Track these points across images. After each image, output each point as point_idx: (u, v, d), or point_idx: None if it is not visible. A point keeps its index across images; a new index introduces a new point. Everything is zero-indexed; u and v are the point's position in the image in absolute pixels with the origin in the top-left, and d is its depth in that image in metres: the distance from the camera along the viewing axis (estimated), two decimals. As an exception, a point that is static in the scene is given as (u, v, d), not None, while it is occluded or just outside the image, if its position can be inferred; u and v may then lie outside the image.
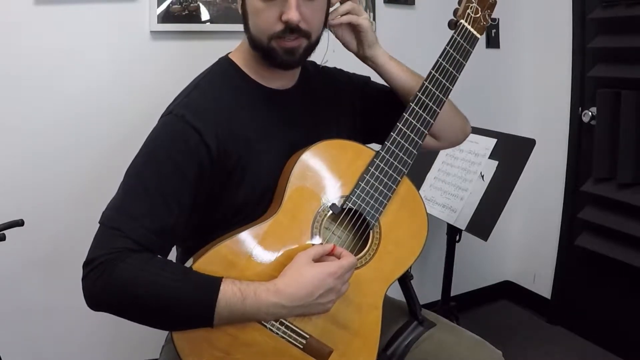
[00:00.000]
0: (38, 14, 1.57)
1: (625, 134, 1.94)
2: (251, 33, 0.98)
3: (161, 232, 0.90)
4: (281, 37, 0.95)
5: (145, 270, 0.84)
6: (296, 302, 0.87)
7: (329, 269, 0.89)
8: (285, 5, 0.93)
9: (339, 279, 0.89)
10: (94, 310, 0.87)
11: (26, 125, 1.62)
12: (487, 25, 1.09)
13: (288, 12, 0.93)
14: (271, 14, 0.94)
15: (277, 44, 0.96)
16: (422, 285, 2.17)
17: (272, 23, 0.95)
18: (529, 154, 1.69)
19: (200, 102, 0.98)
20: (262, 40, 0.97)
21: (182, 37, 1.76)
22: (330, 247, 0.93)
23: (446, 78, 1.04)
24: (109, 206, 0.92)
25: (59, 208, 1.67)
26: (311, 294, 0.87)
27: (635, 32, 1.90)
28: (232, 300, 0.84)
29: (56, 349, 1.76)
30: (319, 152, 0.99)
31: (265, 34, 0.96)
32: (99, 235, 0.89)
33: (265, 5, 0.94)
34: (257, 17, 0.96)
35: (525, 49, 2.43)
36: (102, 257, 0.84)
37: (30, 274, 1.69)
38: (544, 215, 2.44)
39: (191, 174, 0.92)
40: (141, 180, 0.92)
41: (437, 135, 1.16)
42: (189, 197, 0.93)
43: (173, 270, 0.87)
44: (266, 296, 0.86)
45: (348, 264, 0.91)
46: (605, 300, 2.16)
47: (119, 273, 0.83)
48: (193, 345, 0.88)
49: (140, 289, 0.84)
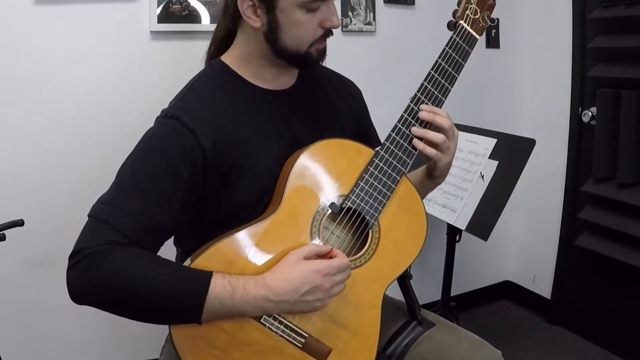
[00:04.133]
0: (38, 14, 1.57)
1: (625, 134, 1.94)
2: (284, 45, 0.98)
3: (151, 229, 0.89)
4: (319, 41, 1.00)
5: (134, 264, 0.84)
6: (282, 297, 0.87)
7: (315, 266, 0.88)
8: (326, 13, 0.98)
9: (325, 277, 0.89)
10: (77, 303, 0.86)
11: (26, 125, 1.62)
12: (487, 26, 1.10)
13: (333, 19, 0.98)
14: (313, 23, 0.97)
15: (314, 48, 1.00)
16: (422, 285, 2.17)
17: (314, 31, 0.98)
18: (529, 154, 1.69)
19: (195, 103, 0.98)
20: (299, 49, 0.99)
21: (182, 37, 1.76)
22: (326, 249, 0.93)
23: (445, 78, 1.04)
24: (100, 200, 0.91)
25: (59, 208, 1.68)
26: (296, 289, 0.87)
27: (635, 32, 1.90)
28: (222, 294, 0.84)
29: (56, 349, 1.76)
30: (318, 152, 0.99)
31: (307, 43, 0.99)
32: (87, 227, 0.88)
33: (309, 17, 0.96)
34: (301, 29, 0.97)
35: (525, 49, 2.43)
36: (90, 248, 0.84)
37: (30, 274, 1.69)
38: (544, 215, 2.44)
39: (185, 174, 0.92)
40: (134, 177, 0.92)
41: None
42: (182, 197, 0.93)
43: (163, 264, 0.87)
44: (254, 289, 0.86)
45: (339, 263, 0.90)
46: (606, 300, 2.16)
47: (107, 265, 0.83)
48: (191, 344, 0.88)
49: (128, 282, 0.83)
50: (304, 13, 0.95)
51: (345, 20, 2.00)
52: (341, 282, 0.92)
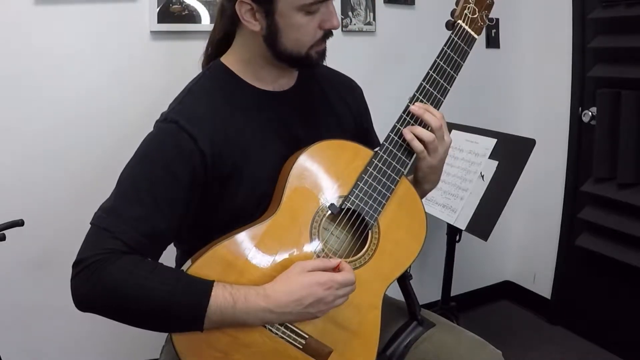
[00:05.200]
0: (38, 14, 1.57)
1: (625, 134, 1.94)
2: (284, 48, 0.98)
3: (152, 236, 0.89)
4: (319, 43, 0.99)
5: (134, 273, 0.84)
6: (284, 309, 0.87)
7: (319, 279, 0.88)
8: (326, 14, 0.97)
9: (328, 290, 0.88)
10: (81, 311, 0.87)
11: (26, 125, 1.62)
12: (485, 26, 1.10)
13: (332, 20, 0.97)
14: (313, 25, 0.96)
15: (313, 50, 0.99)
16: (422, 285, 2.16)
17: (314, 33, 0.98)
18: (529, 154, 1.69)
19: (194, 107, 0.98)
20: (299, 52, 0.98)
21: (182, 37, 1.76)
22: (334, 264, 0.92)
23: (444, 78, 1.04)
24: (101, 207, 0.91)
25: (59, 208, 1.68)
26: (298, 301, 0.87)
27: (635, 32, 1.89)
28: (224, 305, 0.84)
29: (56, 349, 1.76)
30: (317, 153, 0.99)
31: (307, 45, 0.98)
32: (89, 235, 0.89)
33: (309, 19, 0.95)
34: (299, 31, 0.96)
35: (525, 49, 2.43)
36: (92, 257, 0.84)
37: (30, 274, 1.69)
38: (544, 215, 2.44)
39: (185, 179, 0.92)
40: (134, 183, 0.92)
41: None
42: (182, 202, 0.93)
43: (164, 274, 0.87)
44: (255, 300, 0.86)
45: (343, 279, 0.90)
46: (605, 300, 2.16)
47: (108, 274, 0.83)
48: (192, 346, 0.88)
49: (129, 291, 0.83)
50: (303, 16, 0.94)
51: (345, 20, 2.00)
52: (345, 295, 0.91)
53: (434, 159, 1.03)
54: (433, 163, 1.04)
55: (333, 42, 1.05)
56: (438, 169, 1.07)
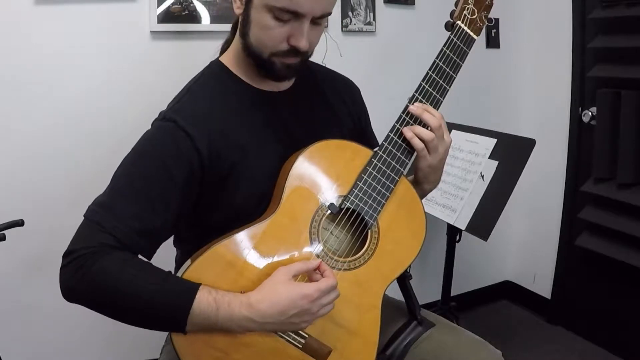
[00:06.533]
0: (38, 14, 1.58)
1: (625, 134, 1.94)
2: (250, 42, 0.97)
3: (145, 233, 0.89)
4: (284, 55, 0.96)
5: (123, 269, 0.84)
6: (267, 319, 0.86)
7: (304, 291, 0.86)
8: (296, 30, 0.93)
9: (314, 302, 0.87)
10: (67, 300, 0.86)
11: (26, 125, 1.62)
12: (485, 26, 1.10)
13: (300, 39, 0.93)
14: (279, 33, 0.94)
15: (277, 59, 0.97)
16: (422, 285, 2.17)
17: (279, 42, 0.94)
18: (529, 154, 1.69)
19: (192, 107, 0.97)
20: (262, 53, 0.97)
21: (182, 37, 1.76)
22: (314, 265, 0.91)
23: (443, 78, 1.04)
24: (95, 201, 0.91)
25: (59, 208, 1.68)
26: (282, 313, 0.86)
27: (635, 32, 1.90)
28: (207, 310, 0.84)
29: (56, 349, 1.76)
30: (316, 153, 0.99)
31: (268, 50, 0.96)
32: (82, 228, 0.89)
33: (276, 25, 0.93)
34: (264, 32, 0.94)
35: (525, 49, 2.43)
36: (83, 249, 0.84)
37: (30, 274, 1.69)
38: (544, 215, 2.44)
39: (180, 178, 0.92)
40: (129, 180, 0.92)
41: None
42: (177, 201, 0.93)
43: (152, 273, 0.86)
44: (239, 309, 0.85)
45: (326, 286, 0.88)
46: (606, 300, 2.16)
47: (97, 268, 0.83)
48: (191, 345, 0.88)
49: (116, 286, 0.83)
50: (271, 18, 0.92)
51: (345, 20, 2.00)
52: (329, 304, 0.90)
53: (434, 159, 1.04)
54: (433, 162, 1.04)
55: (333, 42, 1.05)
56: (438, 169, 1.07)
